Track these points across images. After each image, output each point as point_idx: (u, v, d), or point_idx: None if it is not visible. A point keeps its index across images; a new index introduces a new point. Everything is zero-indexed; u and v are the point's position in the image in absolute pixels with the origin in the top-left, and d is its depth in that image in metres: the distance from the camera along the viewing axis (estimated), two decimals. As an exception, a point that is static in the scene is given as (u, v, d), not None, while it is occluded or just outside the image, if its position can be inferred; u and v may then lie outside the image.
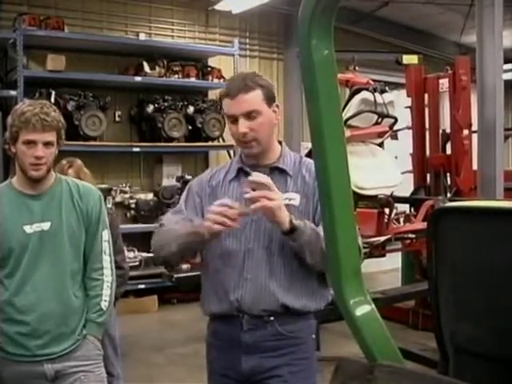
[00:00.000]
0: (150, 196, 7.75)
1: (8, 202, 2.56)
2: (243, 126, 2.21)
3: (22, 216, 2.54)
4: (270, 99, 2.25)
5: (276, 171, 2.31)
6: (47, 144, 2.50)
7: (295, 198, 2.25)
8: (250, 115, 2.21)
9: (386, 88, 6.50)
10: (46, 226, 2.54)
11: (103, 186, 6.84)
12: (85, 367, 2.61)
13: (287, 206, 2.20)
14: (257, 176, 2.10)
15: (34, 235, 2.53)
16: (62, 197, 2.60)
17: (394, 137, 7.09)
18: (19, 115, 2.47)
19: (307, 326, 2.32)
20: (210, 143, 8.14)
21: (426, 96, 7.13)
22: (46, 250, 2.55)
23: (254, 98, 2.21)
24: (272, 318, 2.24)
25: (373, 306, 1.74)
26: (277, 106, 2.30)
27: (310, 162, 2.34)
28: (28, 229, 2.52)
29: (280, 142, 2.40)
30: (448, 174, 7.01)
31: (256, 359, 2.24)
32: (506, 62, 6.74)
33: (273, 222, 2.13)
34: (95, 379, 2.63)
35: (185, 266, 7.70)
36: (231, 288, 2.25)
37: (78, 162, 3.98)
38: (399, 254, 6.87)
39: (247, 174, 2.27)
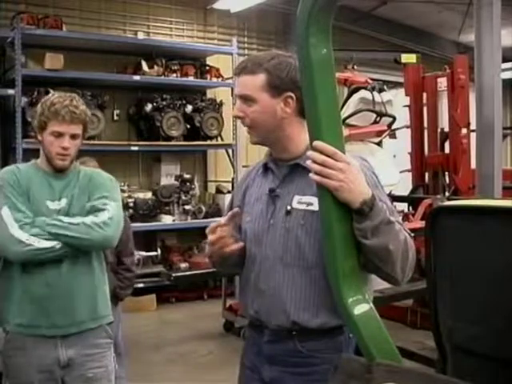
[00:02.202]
0: (149, 195, 7.74)
1: (34, 180, 2.64)
2: (236, 108, 2.05)
3: (46, 193, 2.63)
4: (275, 88, 1.97)
5: (298, 169, 2.01)
6: (73, 136, 2.59)
7: (313, 203, 1.93)
8: (245, 99, 2.00)
9: (385, 87, 6.51)
10: (62, 203, 2.63)
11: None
12: (94, 356, 2.66)
13: (305, 211, 1.97)
14: (321, 146, 1.66)
15: (55, 212, 2.60)
16: (77, 181, 2.69)
17: (393, 136, 7.10)
18: (49, 106, 2.56)
19: (334, 343, 2.01)
20: (208, 142, 8.13)
21: (425, 95, 7.14)
22: None
23: (250, 83, 1.98)
24: (294, 333, 2.00)
25: (371, 304, 1.74)
26: (289, 97, 1.98)
27: None
28: (51, 204, 2.61)
29: None
30: (446, 173, 7.01)
31: (277, 372, 2.04)
32: (505, 60, 6.74)
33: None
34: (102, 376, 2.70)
35: (183, 265, 7.74)
36: (250, 298, 2.10)
37: (90, 163, 3.86)
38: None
39: (270, 170, 2.10)
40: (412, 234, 1.95)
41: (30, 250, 2.48)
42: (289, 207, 2.00)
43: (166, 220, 7.65)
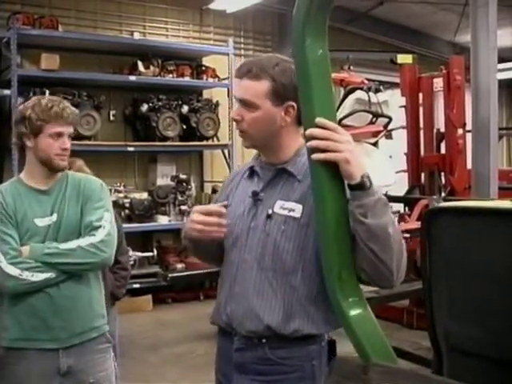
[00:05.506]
0: (145, 195, 7.73)
1: (21, 198, 2.58)
2: (235, 111, 1.99)
3: (34, 210, 2.56)
4: (279, 96, 1.91)
5: (285, 174, 1.99)
6: (70, 136, 2.61)
7: (295, 209, 1.92)
8: (245, 104, 1.94)
9: (381, 87, 6.52)
10: (53, 218, 2.57)
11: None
12: (95, 361, 2.63)
13: (286, 217, 1.93)
14: (324, 122, 1.68)
15: (45, 228, 2.55)
16: (66, 190, 2.63)
17: (389, 136, 7.10)
18: (45, 109, 2.54)
19: (305, 352, 1.94)
20: (204, 142, 8.14)
21: (421, 95, 7.14)
22: (53, 240, 2.56)
23: (254, 89, 1.92)
24: (264, 341, 1.95)
25: (367, 305, 1.75)
26: (291, 106, 1.92)
27: None
28: (39, 222, 2.55)
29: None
30: (442, 174, 7.02)
31: (247, 381, 1.99)
32: (500, 61, 6.76)
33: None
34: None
35: (180, 266, 7.73)
36: (223, 301, 2.06)
37: (78, 162, 3.88)
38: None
39: (256, 173, 2.07)
40: (407, 235, 1.95)
41: (24, 285, 2.45)
42: (270, 211, 1.96)
43: (162, 220, 7.65)
